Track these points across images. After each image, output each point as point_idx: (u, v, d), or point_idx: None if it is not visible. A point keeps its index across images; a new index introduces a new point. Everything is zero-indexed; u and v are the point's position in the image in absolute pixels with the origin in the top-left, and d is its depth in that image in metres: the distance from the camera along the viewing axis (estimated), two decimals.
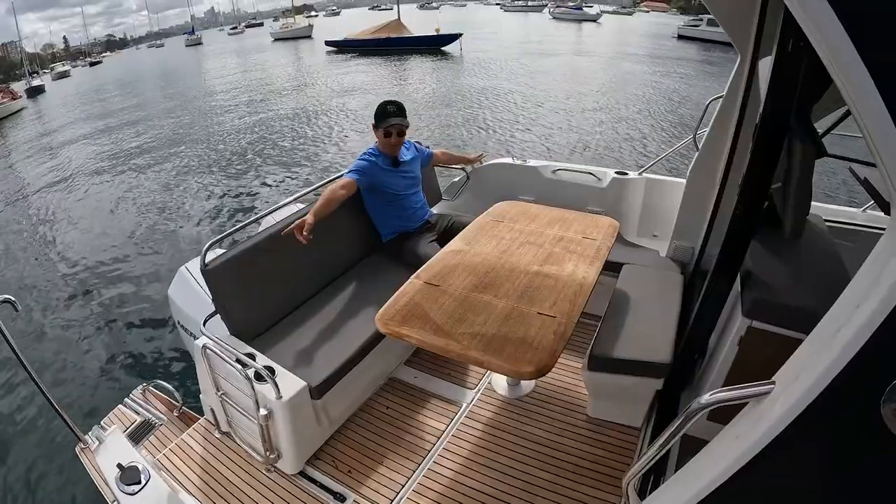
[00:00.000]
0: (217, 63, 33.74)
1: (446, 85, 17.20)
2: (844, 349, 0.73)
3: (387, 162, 2.66)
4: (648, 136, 10.36)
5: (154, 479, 1.93)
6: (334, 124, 12.96)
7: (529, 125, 11.58)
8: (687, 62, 20.66)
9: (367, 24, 31.54)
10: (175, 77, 28.81)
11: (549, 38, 32.34)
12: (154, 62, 43.87)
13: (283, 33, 45.72)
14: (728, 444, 0.91)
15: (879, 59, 0.67)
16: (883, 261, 0.75)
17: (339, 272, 2.67)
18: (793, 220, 1.87)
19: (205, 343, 2.04)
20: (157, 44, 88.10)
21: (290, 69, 26.12)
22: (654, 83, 15.99)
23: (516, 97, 14.46)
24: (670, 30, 31.66)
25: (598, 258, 2.11)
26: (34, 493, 3.25)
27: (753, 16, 2.03)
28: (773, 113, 1.49)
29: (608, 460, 2.03)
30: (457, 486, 1.98)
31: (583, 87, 15.61)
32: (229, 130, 13.37)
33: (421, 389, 2.46)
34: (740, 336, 1.67)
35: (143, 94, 23.40)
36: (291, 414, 1.92)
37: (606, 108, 12.77)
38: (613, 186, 3.24)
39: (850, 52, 0.68)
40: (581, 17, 46.29)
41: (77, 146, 13.81)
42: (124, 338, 4.94)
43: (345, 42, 29.99)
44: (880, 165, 0.74)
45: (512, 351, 1.58)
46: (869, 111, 0.69)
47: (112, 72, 41.33)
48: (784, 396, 0.81)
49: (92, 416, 3.47)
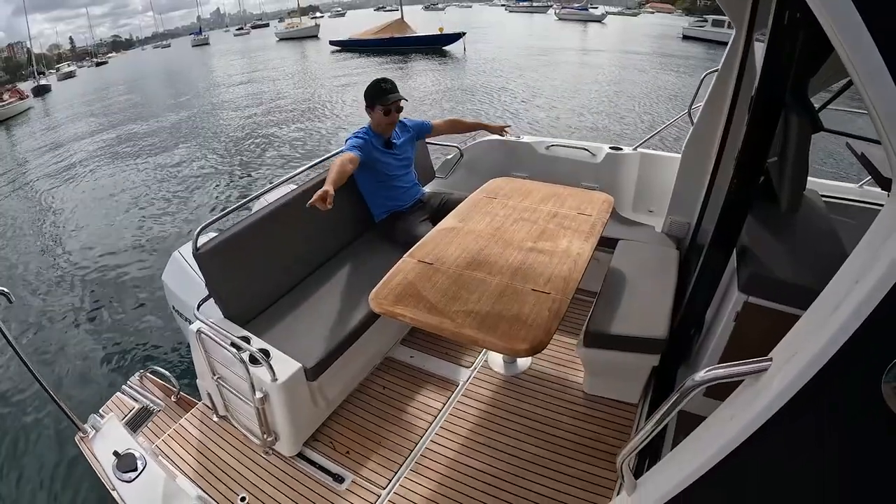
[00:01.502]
0: (223, 62, 33.42)
1: (447, 83, 17.10)
2: (843, 326, 0.72)
3: (380, 142, 2.64)
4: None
5: (150, 466, 1.93)
6: (333, 115, 13.07)
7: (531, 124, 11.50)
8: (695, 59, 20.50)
9: (371, 25, 31.35)
10: (181, 76, 28.59)
11: (554, 38, 32.02)
12: (160, 62, 43.36)
13: (287, 33, 45.40)
14: (723, 424, 0.90)
15: (887, 30, 0.64)
16: (883, 236, 0.74)
17: (333, 253, 2.65)
18: (789, 195, 1.86)
19: (199, 327, 2.03)
20: (163, 44, 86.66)
21: (296, 67, 26.03)
22: (656, 82, 15.87)
23: (517, 97, 14.33)
24: (675, 30, 31.30)
25: (593, 234, 2.09)
26: (38, 484, 3.25)
27: None
28: (768, 87, 1.47)
29: (605, 437, 2.04)
30: (454, 465, 1.99)
31: (585, 86, 15.49)
32: (230, 121, 13.45)
33: (417, 368, 2.46)
34: (736, 311, 1.67)
35: (149, 92, 23.14)
36: (287, 396, 1.92)
37: (608, 108, 12.67)
38: (608, 162, 3.21)
39: (856, 22, 0.64)
40: (586, 17, 45.89)
41: (80, 142, 13.71)
42: (121, 324, 4.94)
43: (349, 42, 29.96)
44: (885, 142, 0.71)
45: (506, 328, 1.57)
46: (875, 85, 0.67)
47: (118, 71, 40.90)
48: (781, 374, 0.80)
49: (91, 404, 3.47)
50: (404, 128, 2.81)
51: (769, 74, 1.45)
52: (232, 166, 9.55)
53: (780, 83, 1.47)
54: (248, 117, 13.80)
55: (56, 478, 3.25)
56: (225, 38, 65.39)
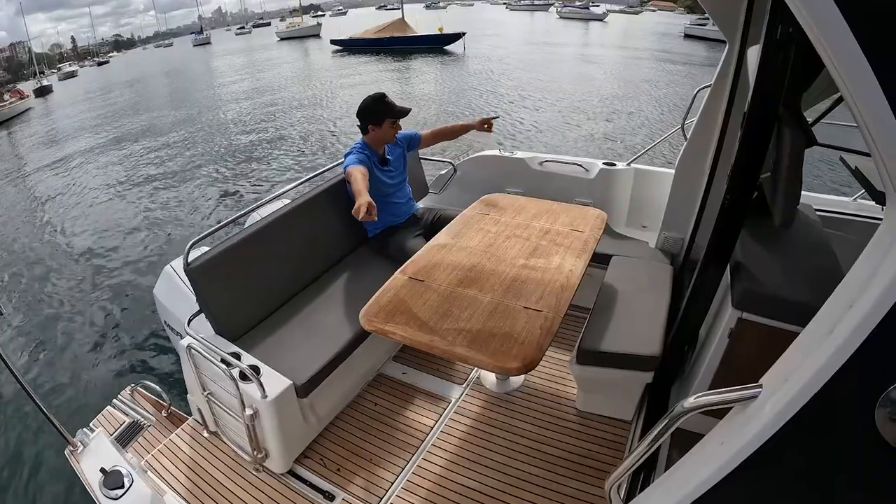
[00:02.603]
0: (224, 62, 33.79)
1: (446, 83, 17.21)
2: (837, 352, 0.70)
3: (375, 158, 2.63)
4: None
5: (137, 483, 1.90)
6: (333, 118, 13.10)
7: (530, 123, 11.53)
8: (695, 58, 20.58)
9: (373, 24, 31.66)
10: (182, 78, 28.87)
11: (555, 36, 32.40)
12: (161, 62, 43.58)
13: (288, 33, 45.80)
14: (712, 450, 0.88)
15: (877, 45, 0.63)
16: (878, 257, 0.72)
17: (325, 268, 2.64)
18: (783, 210, 1.84)
19: (190, 343, 2.01)
20: (164, 43, 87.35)
21: (297, 68, 26.27)
22: (665, 82, 15.94)
23: (518, 96, 14.41)
24: (677, 29, 31.57)
25: (586, 250, 2.08)
26: (28, 499, 3.22)
27: (741, 2, 2.00)
28: (761, 101, 1.46)
29: (598, 454, 2.02)
30: (446, 483, 1.96)
31: (587, 86, 15.56)
32: (230, 130, 13.43)
33: (409, 385, 2.44)
34: (730, 328, 1.65)
35: (148, 95, 23.27)
36: (277, 413, 1.90)
37: (608, 110, 12.71)
38: (601, 177, 3.20)
39: (847, 37, 0.64)
40: (588, 16, 46.38)
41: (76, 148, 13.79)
42: (112, 337, 4.92)
43: (349, 41, 30.36)
44: (875, 156, 0.70)
45: (498, 346, 1.56)
46: (865, 99, 0.66)
47: (119, 71, 41.23)
48: (772, 400, 0.78)
49: (81, 417, 3.45)
50: (395, 141, 2.79)
51: (762, 89, 1.45)
52: (227, 179, 9.50)
53: (773, 98, 1.46)
54: (247, 124, 13.80)
55: (46, 492, 3.22)
56: (226, 38, 65.97)
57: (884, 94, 0.64)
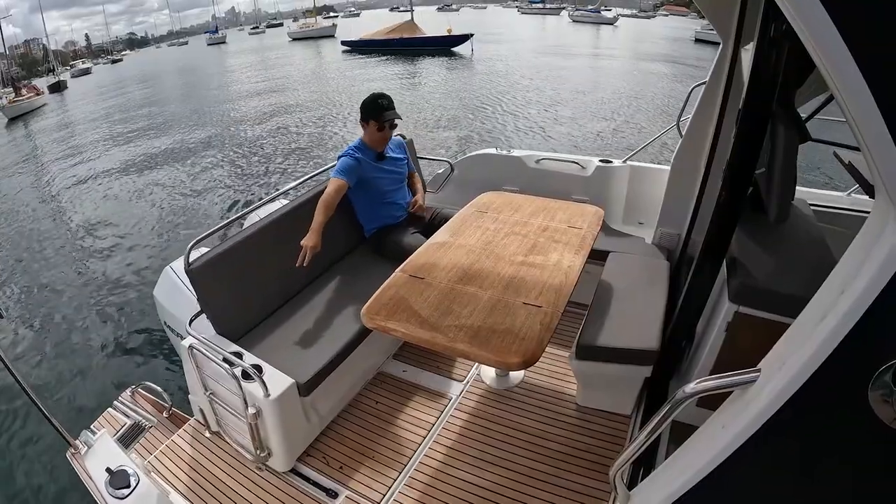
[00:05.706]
0: (239, 61, 34.02)
1: (454, 83, 17.26)
2: (830, 335, 0.73)
3: (372, 156, 2.63)
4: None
5: (143, 482, 1.91)
6: (343, 118, 13.15)
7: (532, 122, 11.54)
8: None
9: (384, 26, 32.06)
10: (197, 74, 29.11)
11: (567, 39, 32.54)
12: (174, 61, 43.44)
13: (300, 33, 46.20)
14: (714, 434, 0.91)
15: (863, 43, 0.66)
16: (867, 246, 0.75)
17: (325, 267, 2.65)
18: (777, 205, 1.87)
19: (191, 343, 2.02)
20: (178, 42, 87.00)
21: (311, 67, 26.57)
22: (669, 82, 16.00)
23: (520, 96, 14.44)
24: (688, 33, 31.63)
25: (584, 247, 2.10)
26: (29, 501, 3.22)
27: (735, 1, 2.03)
28: (755, 98, 1.48)
29: (599, 449, 2.04)
30: (448, 479, 1.98)
31: (593, 87, 15.61)
32: (241, 129, 13.46)
33: (410, 383, 2.45)
34: (727, 322, 1.67)
35: (162, 94, 23.21)
36: (280, 412, 1.91)
37: (610, 111, 12.74)
38: (598, 175, 3.22)
39: (834, 36, 0.66)
40: (599, 20, 46.52)
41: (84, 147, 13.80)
42: (112, 339, 4.91)
43: (359, 42, 30.86)
44: (864, 150, 0.73)
45: (498, 342, 1.57)
46: (852, 95, 0.68)
47: (133, 68, 41.25)
48: (770, 384, 0.81)
49: (82, 419, 3.44)
50: (397, 145, 2.80)
51: (756, 86, 1.47)
52: (227, 179, 9.48)
53: (767, 95, 1.49)
54: (253, 122, 13.86)
55: (47, 495, 3.21)
56: (241, 37, 66.40)
57: (869, 90, 0.66)
